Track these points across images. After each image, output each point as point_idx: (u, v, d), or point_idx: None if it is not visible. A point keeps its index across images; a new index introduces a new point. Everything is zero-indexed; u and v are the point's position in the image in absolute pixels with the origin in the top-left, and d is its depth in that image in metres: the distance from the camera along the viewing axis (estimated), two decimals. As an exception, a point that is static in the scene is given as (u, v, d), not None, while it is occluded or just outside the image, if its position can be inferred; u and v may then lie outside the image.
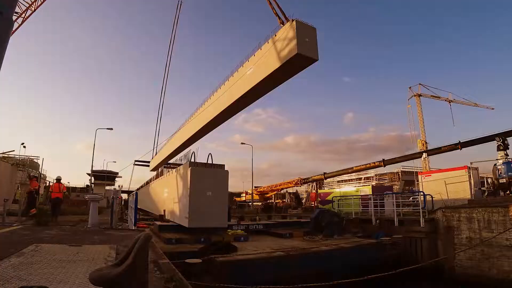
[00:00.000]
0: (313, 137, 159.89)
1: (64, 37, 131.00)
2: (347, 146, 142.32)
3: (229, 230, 11.92)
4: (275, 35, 8.65)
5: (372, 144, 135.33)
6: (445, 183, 18.36)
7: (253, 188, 47.77)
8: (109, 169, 50.32)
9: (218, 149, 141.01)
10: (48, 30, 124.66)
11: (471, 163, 19.58)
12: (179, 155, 20.67)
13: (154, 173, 26.26)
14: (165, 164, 23.31)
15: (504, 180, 16.02)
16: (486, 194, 18.28)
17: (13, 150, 28.36)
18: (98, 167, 43.93)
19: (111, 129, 34.68)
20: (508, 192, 15.69)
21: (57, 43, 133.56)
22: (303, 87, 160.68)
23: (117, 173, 50.79)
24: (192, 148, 17.37)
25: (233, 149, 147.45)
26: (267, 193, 53.34)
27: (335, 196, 23.08)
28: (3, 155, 26.85)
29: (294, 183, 47.05)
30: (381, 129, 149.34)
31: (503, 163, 16.78)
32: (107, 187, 47.88)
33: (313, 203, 35.41)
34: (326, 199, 28.32)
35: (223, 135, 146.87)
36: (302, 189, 51.97)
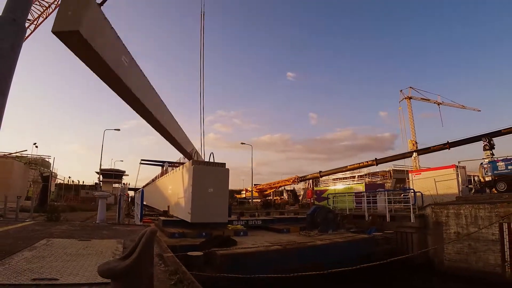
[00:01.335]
0: (286, 136, 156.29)
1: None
2: (325, 146, 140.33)
3: (229, 225, 11.93)
4: None
5: (350, 144, 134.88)
6: (434, 181, 18.41)
7: (253, 185, 47.82)
8: (116, 167, 50.45)
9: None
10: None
11: (459, 162, 19.67)
12: (182, 155, 20.74)
13: (160, 171, 26.28)
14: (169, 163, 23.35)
15: (490, 178, 16.05)
16: (473, 191, 18.34)
17: (26, 150, 28.45)
18: (105, 165, 44.09)
19: (119, 130, 34.73)
20: (493, 189, 15.72)
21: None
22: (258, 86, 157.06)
23: (124, 171, 50.96)
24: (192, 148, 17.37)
25: (214, 148, 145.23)
26: (266, 190, 53.40)
27: (330, 194, 23.12)
28: (17, 154, 26.88)
29: (291, 181, 47.20)
30: (346, 130, 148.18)
31: (489, 162, 16.81)
32: (115, 185, 47.98)
33: (309, 200, 35.38)
34: (321, 196, 28.30)
35: (198, 134, 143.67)
36: (299, 187, 51.97)
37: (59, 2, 25.85)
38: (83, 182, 45.90)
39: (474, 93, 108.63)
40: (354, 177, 46.45)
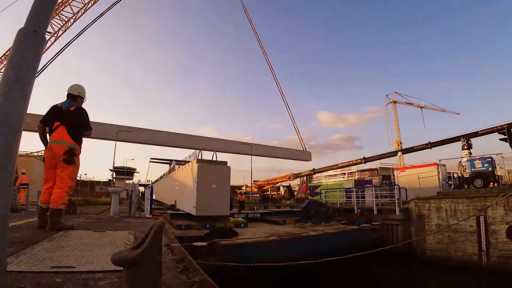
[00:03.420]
0: (247, 137, 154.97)
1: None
2: (295, 145, 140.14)
3: (231, 218, 11.92)
4: None
5: (323, 144, 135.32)
6: (418, 177, 18.44)
7: (252, 182, 47.86)
8: (128, 165, 50.36)
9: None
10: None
11: (439, 161, 19.72)
12: (187, 153, 20.89)
13: (167, 168, 26.24)
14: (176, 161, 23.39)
15: (468, 175, 16.08)
16: (452, 187, 18.34)
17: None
18: (118, 163, 44.01)
19: (130, 131, 34.54)
20: (471, 185, 15.75)
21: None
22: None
23: (135, 169, 50.96)
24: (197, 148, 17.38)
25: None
26: (264, 186, 53.38)
27: (323, 189, 23.13)
28: (37, 153, 26.88)
29: (287, 177, 47.14)
30: (308, 132, 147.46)
31: (467, 160, 16.83)
32: (127, 181, 47.96)
33: (303, 194, 35.36)
34: (315, 191, 28.31)
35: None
36: (294, 183, 51.97)
37: (78, 17, 25.88)
38: (108, 179, 45.72)
39: (454, 97, 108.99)
40: (344, 174, 46.45)
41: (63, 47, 24.57)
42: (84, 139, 4.59)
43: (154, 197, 15.59)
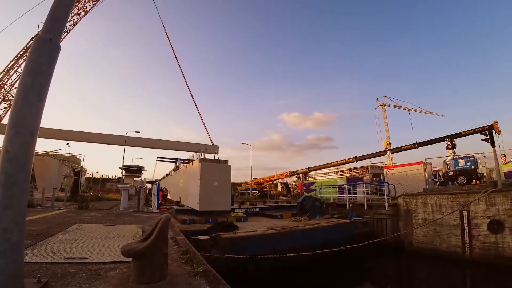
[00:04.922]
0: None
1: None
2: (272, 144, 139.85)
3: (232, 213, 11.91)
4: None
5: (304, 144, 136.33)
6: (406, 175, 18.45)
7: (252, 179, 47.92)
8: (136, 164, 50.22)
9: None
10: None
11: (425, 159, 19.71)
12: (191, 153, 20.91)
13: (173, 167, 26.19)
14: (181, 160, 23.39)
15: (452, 173, 16.11)
16: (437, 184, 18.36)
17: (60, 149, 28.36)
18: (127, 162, 43.89)
19: (138, 132, 34.47)
20: (455, 182, 15.77)
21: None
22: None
23: (143, 167, 50.78)
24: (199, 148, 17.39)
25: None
26: (263, 183, 53.39)
27: (317, 186, 23.12)
28: (52, 152, 26.85)
29: (284, 175, 47.17)
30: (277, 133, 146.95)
31: (451, 159, 16.86)
32: (135, 178, 47.85)
33: (300, 191, 35.35)
34: (310, 187, 28.27)
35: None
36: (291, 180, 51.92)
37: (79, 18, 25.60)
38: (118, 177, 45.54)
39: (440, 100, 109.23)
40: (337, 171, 46.41)
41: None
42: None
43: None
